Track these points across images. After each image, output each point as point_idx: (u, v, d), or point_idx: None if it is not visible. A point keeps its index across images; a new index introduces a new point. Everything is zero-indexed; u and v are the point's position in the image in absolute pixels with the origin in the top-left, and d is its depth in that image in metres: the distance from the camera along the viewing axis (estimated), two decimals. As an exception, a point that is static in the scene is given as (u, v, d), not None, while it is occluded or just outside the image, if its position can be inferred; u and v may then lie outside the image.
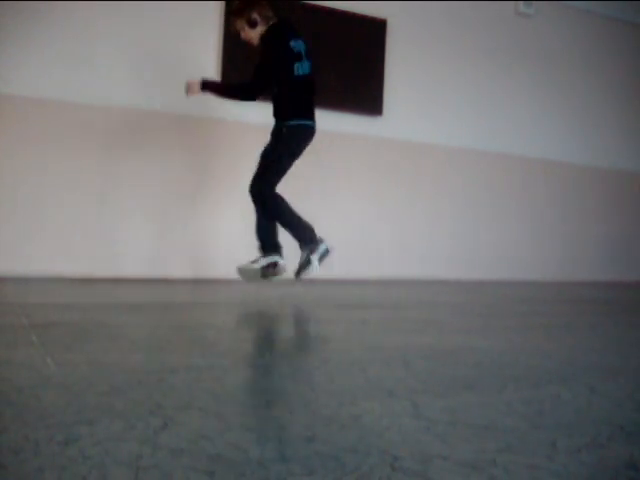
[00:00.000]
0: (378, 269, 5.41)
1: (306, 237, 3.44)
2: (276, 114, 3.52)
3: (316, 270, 3.44)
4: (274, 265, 3.53)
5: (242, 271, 3.59)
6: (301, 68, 3.43)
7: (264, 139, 3.65)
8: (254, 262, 3.56)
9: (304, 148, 3.50)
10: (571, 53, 6.48)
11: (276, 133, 3.53)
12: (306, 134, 3.47)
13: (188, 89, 3.49)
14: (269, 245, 3.56)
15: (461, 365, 1.78)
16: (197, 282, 4.44)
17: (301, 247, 3.46)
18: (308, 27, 4.87)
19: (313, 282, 3.97)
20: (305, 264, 3.43)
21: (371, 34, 5.35)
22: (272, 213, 3.48)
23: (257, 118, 4.49)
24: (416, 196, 5.66)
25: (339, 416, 1.22)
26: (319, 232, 3.56)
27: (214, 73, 4.77)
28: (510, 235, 6.11)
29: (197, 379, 1.49)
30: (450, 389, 1.49)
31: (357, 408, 1.28)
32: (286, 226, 3.47)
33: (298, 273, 3.46)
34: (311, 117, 3.50)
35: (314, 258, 3.42)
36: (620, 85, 6.78)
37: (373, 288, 4.56)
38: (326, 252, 3.49)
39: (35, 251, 4.21)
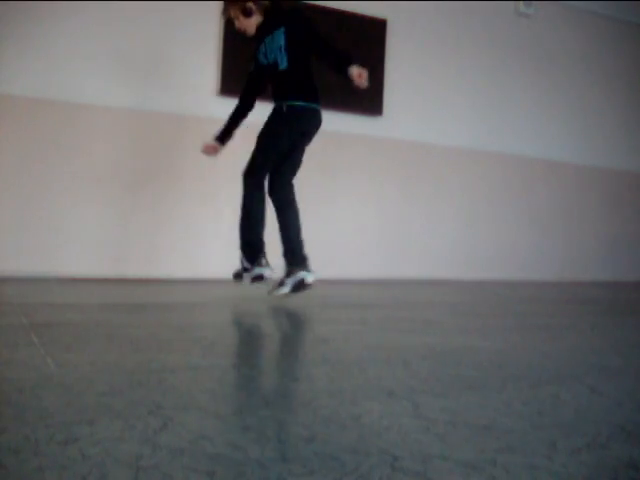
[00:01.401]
0: (378, 269, 5.41)
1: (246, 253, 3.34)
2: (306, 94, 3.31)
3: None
4: (302, 282, 3.28)
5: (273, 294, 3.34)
6: None
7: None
8: (281, 286, 3.28)
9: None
10: (571, 53, 6.48)
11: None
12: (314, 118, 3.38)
13: None
14: (299, 258, 3.31)
15: (461, 365, 1.78)
16: (196, 282, 4.44)
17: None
18: (308, 27, 4.87)
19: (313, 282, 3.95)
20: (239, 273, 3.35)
21: (371, 34, 5.35)
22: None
23: (257, 119, 4.49)
24: (416, 196, 5.66)
25: (339, 416, 1.22)
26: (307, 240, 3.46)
27: (214, 73, 4.77)
28: (510, 235, 6.12)
29: (197, 379, 1.49)
30: (450, 389, 1.49)
31: (357, 408, 1.28)
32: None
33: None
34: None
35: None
36: (620, 85, 6.79)
37: (373, 288, 4.55)
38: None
39: (35, 251, 4.21)
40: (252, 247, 3.36)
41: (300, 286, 3.26)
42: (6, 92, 4.15)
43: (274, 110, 3.35)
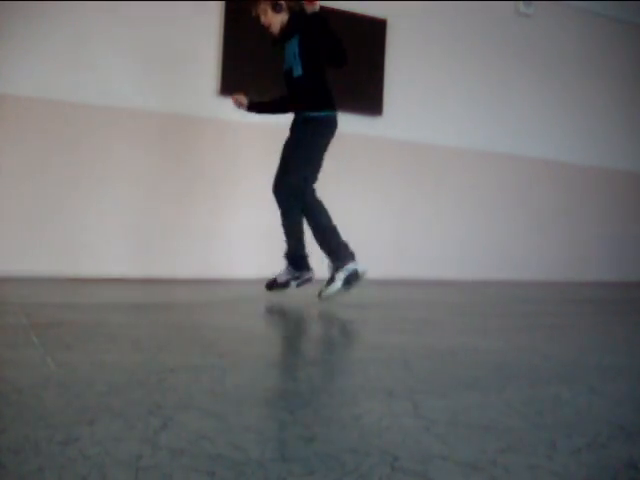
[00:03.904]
0: (378, 269, 5.40)
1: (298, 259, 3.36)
2: (308, 104, 3.32)
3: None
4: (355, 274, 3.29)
5: (327, 297, 3.28)
6: None
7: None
8: (330, 283, 3.26)
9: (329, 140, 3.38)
10: (571, 53, 6.48)
11: (305, 124, 3.34)
12: (334, 125, 3.38)
13: None
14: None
15: (461, 365, 1.78)
16: (197, 282, 4.44)
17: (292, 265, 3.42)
18: (308, 27, 4.86)
19: (313, 282, 3.96)
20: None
21: (371, 34, 5.35)
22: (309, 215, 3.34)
23: (255, 118, 4.49)
24: (416, 196, 5.66)
25: (339, 416, 1.22)
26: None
27: (214, 73, 4.77)
28: (510, 235, 6.11)
29: (197, 379, 1.49)
30: (450, 389, 1.49)
31: (357, 408, 1.28)
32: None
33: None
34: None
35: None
36: (620, 85, 6.78)
37: (373, 288, 4.55)
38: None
39: (35, 251, 4.21)
40: (305, 256, 3.45)
41: (353, 278, 3.28)
42: (6, 92, 4.15)
43: (306, 122, 3.33)
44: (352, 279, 3.28)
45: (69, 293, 3.50)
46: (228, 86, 4.77)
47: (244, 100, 3.59)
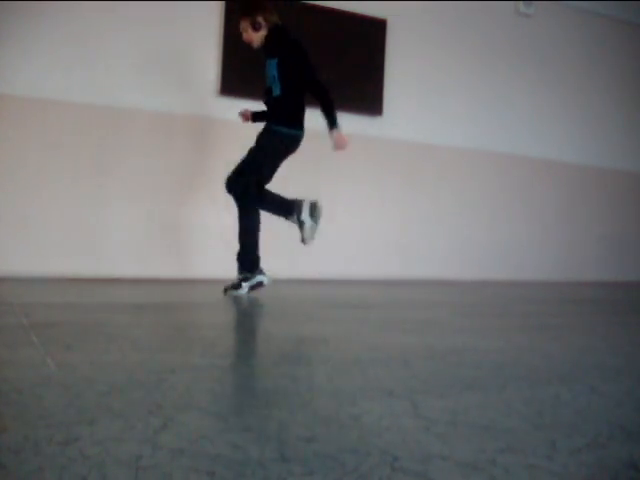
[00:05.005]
0: (378, 269, 5.41)
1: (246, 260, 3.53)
2: (281, 118, 3.53)
3: (243, 293, 3.50)
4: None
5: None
6: None
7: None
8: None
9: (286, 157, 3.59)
10: (571, 53, 6.48)
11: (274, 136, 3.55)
12: (296, 145, 3.59)
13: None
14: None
15: (461, 365, 1.78)
16: (197, 282, 4.44)
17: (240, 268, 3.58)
18: (308, 27, 4.87)
19: (313, 282, 3.97)
20: (237, 285, 3.54)
21: (371, 34, 5.35)
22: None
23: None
24: (416, 196, 5.66)
25: (339, 416, 1.22)
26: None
27: (214, 73, 4.77)
28: (510, 235, 6.12)
29: (197, 379, 1.49)
30: (450, 389, 1.49)
31: (357, 408, 1.28)
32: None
33: (226, 289, 3.54)
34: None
35: (245, 285, 3.52)
36: (620, 85, 6.79)
37: (373, 288, 4.55)
38: (259, 283, 3.56)
39: (35, 251, 4.21)
40: (257, 258, 3.59)
41: (256, 287, 3.56)
42: (5, 92, 4.15)
43: (269, 132, 3.55)
44: (255, 288, 3.56)
45: (69, 293, 3.50)
46: (228, 86, 4.77)
47: (249, 113, 3.83)
